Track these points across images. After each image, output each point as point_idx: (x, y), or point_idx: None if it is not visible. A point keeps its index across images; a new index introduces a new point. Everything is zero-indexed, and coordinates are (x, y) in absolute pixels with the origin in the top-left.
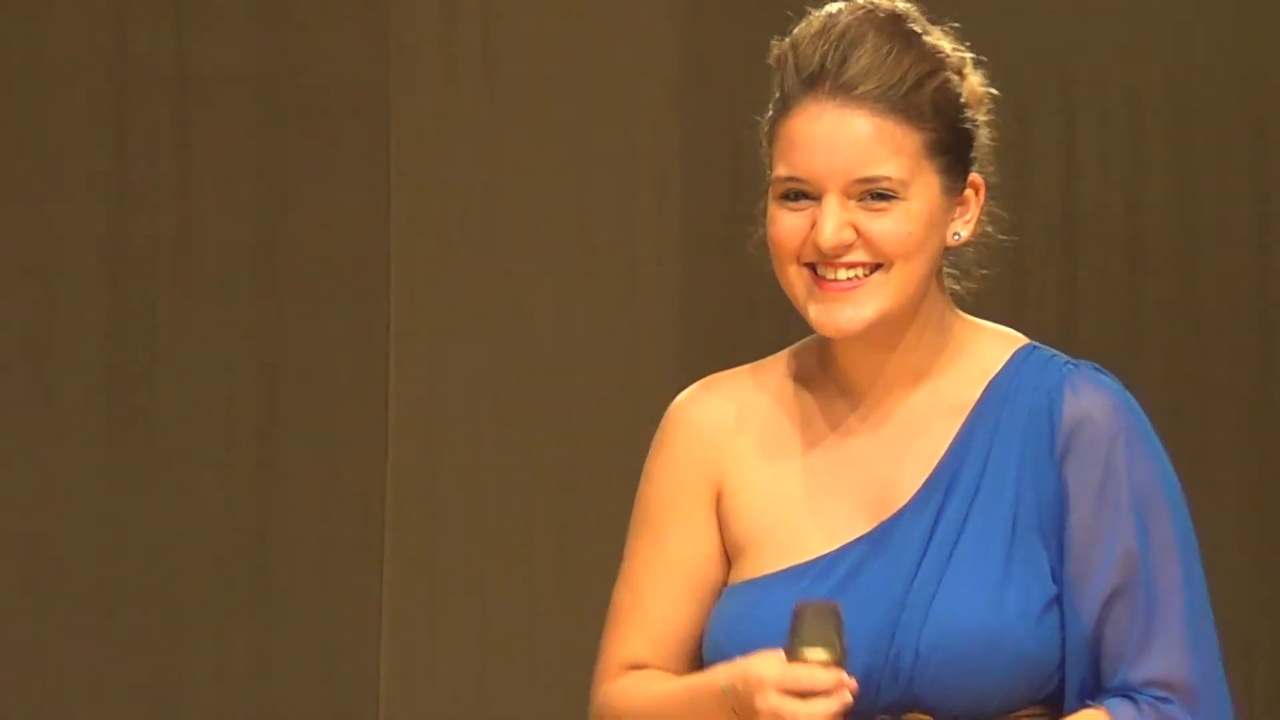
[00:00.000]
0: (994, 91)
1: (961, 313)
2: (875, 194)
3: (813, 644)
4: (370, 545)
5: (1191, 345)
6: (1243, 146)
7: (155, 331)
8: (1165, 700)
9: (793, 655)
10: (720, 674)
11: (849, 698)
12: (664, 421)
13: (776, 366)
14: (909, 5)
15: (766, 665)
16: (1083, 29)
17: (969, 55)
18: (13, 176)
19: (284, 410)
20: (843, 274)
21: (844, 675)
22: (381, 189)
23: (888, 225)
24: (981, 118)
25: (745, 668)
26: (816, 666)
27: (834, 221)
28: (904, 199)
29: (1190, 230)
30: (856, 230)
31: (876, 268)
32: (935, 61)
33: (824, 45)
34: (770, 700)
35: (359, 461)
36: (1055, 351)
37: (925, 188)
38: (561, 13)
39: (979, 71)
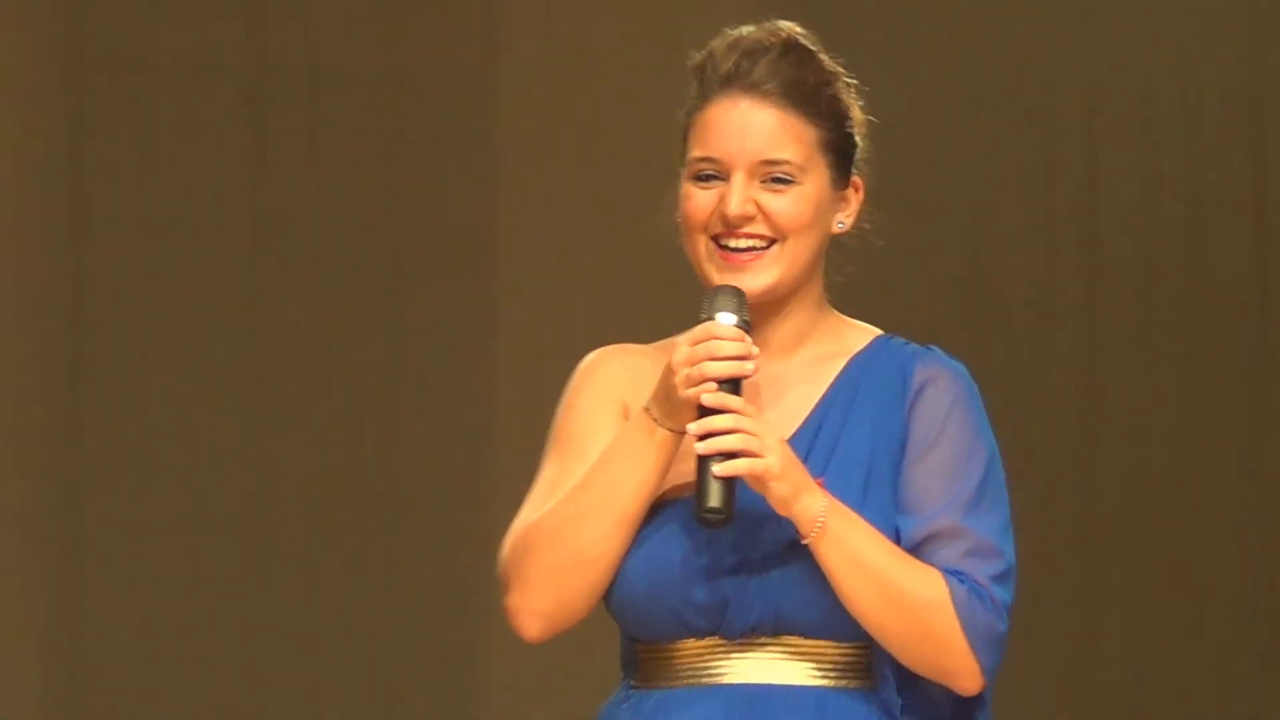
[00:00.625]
0: (872, 119)
1: (829, 306)
2: (776, 177)
3: (721, 311)
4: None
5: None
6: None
7: (288, 301)
8: (977, 585)
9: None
10: (639, 416)
11: (755, 353)
12: (580, 369)
13: (677, 339)
14: (806, 30)
15: (684, 334)
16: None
17: (854, 82)
18: (167, 160)
19: (404, 379)
20: (743, 243)
21: (746, 335)
22: (490, 174)
23: (785, 204)
24: (861, 133)
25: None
26: (727, 326)
27: (739, 195)
28: (799, 183)
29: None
30: (758, 206)
31: (772, 242)
32: (830, 74)
33: (737, 52)
34: (683, 350)
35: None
36: (907, 340)
37: (817, 177)
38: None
39: (859, 99)
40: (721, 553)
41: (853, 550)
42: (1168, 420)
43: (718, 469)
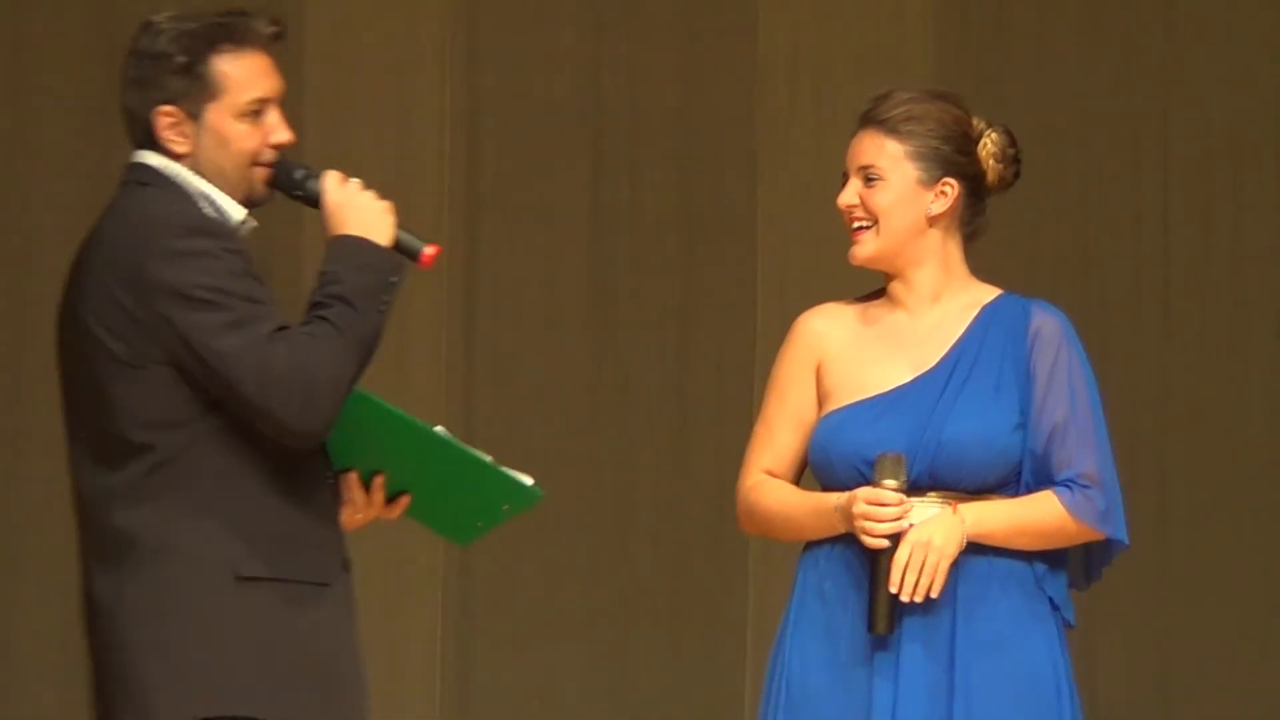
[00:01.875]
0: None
1: (965, 268)
2: (867, 177)
3: (886, 477)
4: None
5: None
6: None
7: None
8: (1085, 486)
9: (875, 485)
10: (833, 497)
11: (909, 508)
12: (791, 330)
13: (868, 297)
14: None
15: (861, 489)
16: None
17: (960, 112)
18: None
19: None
20: (856, 225)
21: (905, 497)
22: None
23: (873, 195)
24: (962, 155)
25: (849, 493)
26: (889, 491)
27: (848, 193)
28: (884, 179)
29: None
30: (860, 198)
31: (872, 223)
32: (925, 110)
33: (874, 97)
34: (860, 507)
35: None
36: (1023, 296)
37: (901, 177)
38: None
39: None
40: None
41: (993, 531)
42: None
43: (905, 594)
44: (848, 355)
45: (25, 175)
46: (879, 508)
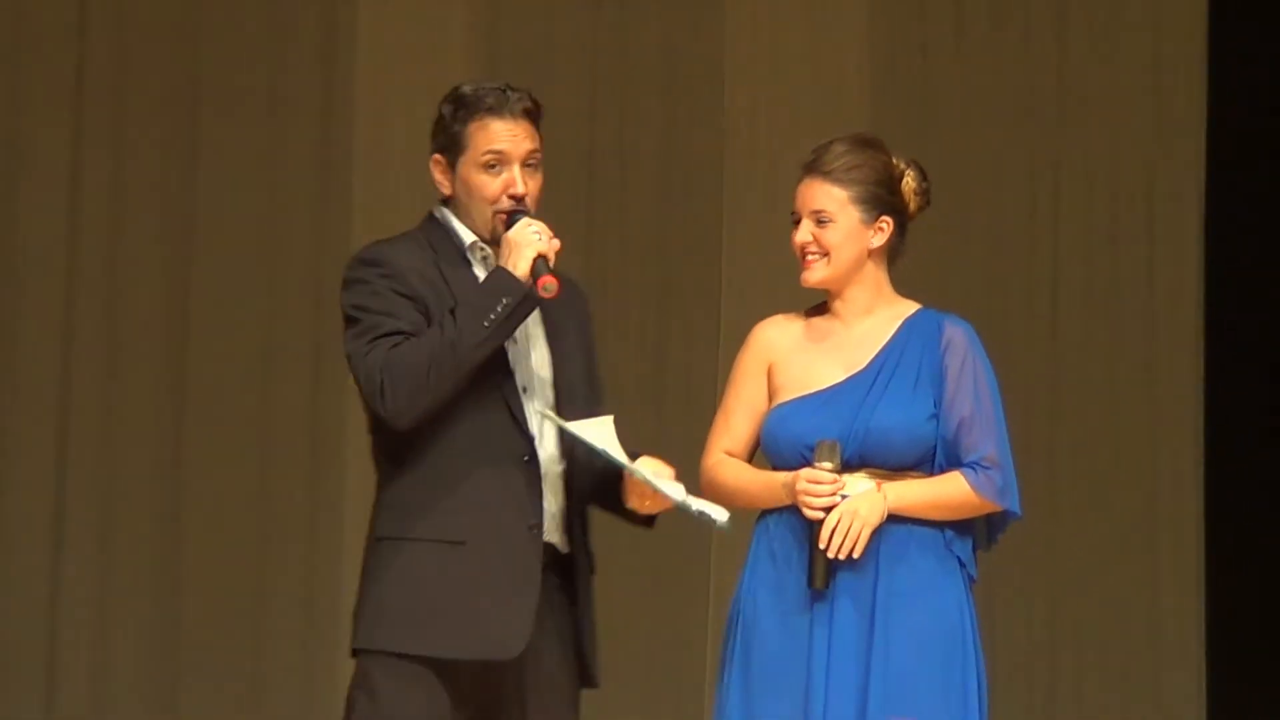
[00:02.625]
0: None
1: (890, 286)
2: (819, 220)
3: (824, 460)
4: None
5: None
6: None
7: None
8: (987, 468)
9: (814, 466)
10: (780, 475)
11: (842, 485)
12: (748, 336)
13: (812, 310)
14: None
15: (803, 470)
16: None
17: (897, 163)
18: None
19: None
20: (808, 256)
21: (839, 477)
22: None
23: (823, 234)
24: (891, 194)
25: (794, 473)
26: (825, 471)
27: (803, 232)
28: (834, 222)
29: None
30: (813, 236)
31: (824, 255)
32: (863, 160)
33: (815, 148)
34: (802, 484)
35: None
36: (938, 310)
37: (847, 218)
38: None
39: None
40: (829, 427)
41: (911, 505)
42: None
43: (832, 552)
44: (794, 358)
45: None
46: (817, 485)
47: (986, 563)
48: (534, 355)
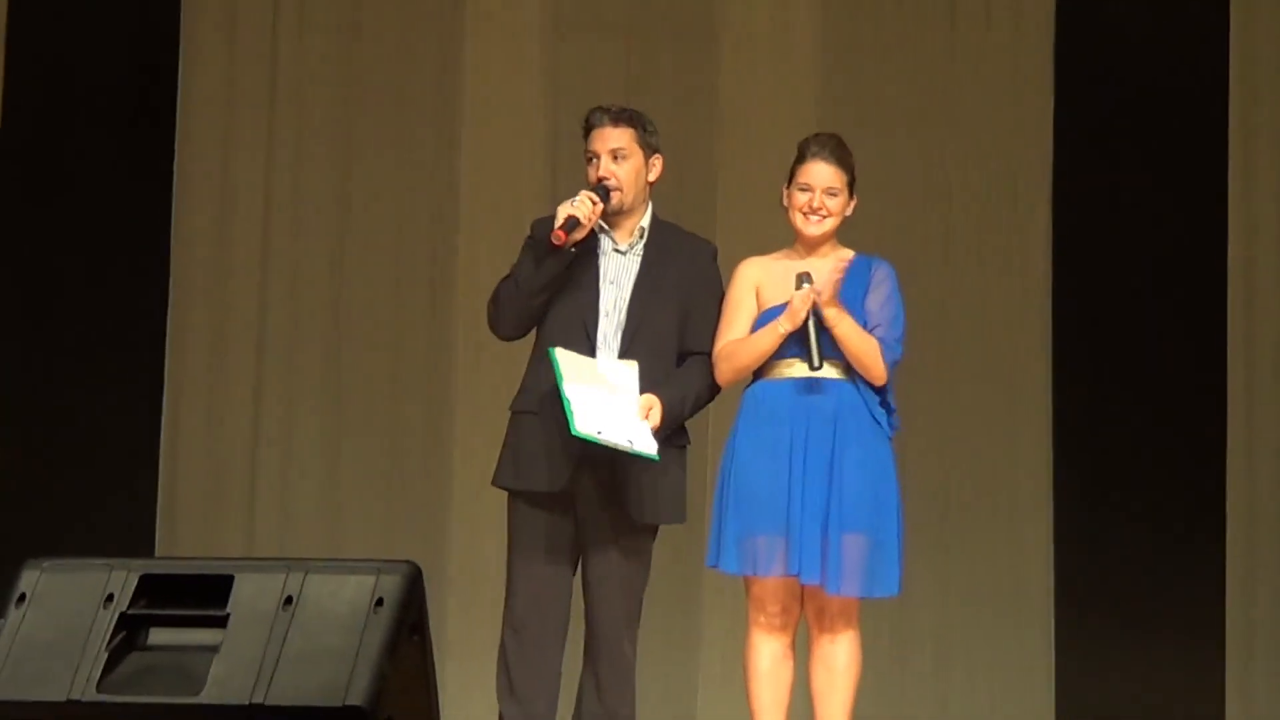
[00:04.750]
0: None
1: (838, 241)
2: (830, 192)
3: (802, 284)
4: None
5: None
6: None
7: None
8: (884, 341)
9: (796, 290)
10: (776, 321)
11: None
12: (737, 270)
13: (781, 253)
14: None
15: (792, 298)
16: None
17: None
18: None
19: None
20: (815, 216)
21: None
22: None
23: (833, 204)
24: (854, 178)
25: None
26: (803, 294)
27: (817, 198)
28: (839, 196)
29: None
30: (823, 203)
31: (828, 216)
32: (849, 152)
33: (816, 142)
34: (794, 303)
35: None
36: (870, 254)
37: (843, 194)
38: None
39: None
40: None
41: (849, 323)
42: None
43: (814, 329)
44: (772, 281)
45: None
46: (804, 297)
47: (899, 440)
48: (621, 289)
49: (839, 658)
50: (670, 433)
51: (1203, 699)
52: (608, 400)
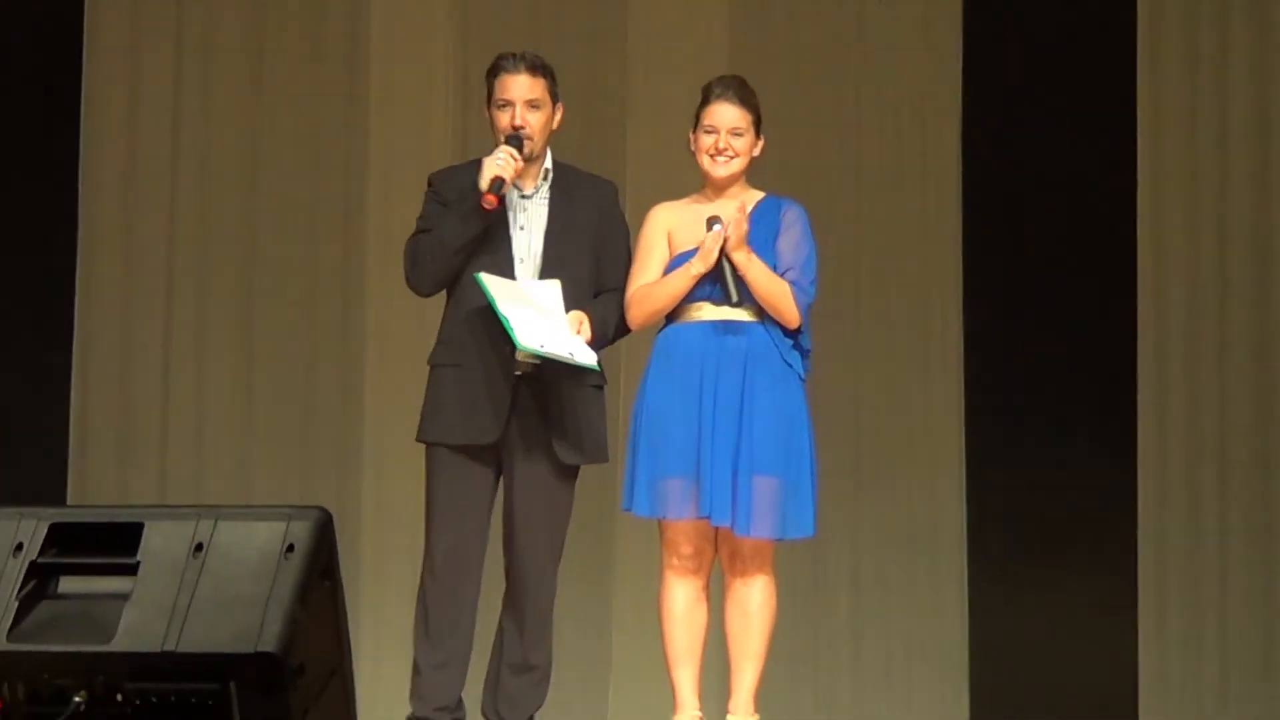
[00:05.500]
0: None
1: (748, 183)
2: (734, 132)
3: (713, 226)
4: None
5: None
6: None
7: None
8: (796, 284)
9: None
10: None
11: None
12: (649, 215)
13: (692, 197)
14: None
15: (705, 239)
16: None
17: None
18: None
19: None
20: (721, 157)
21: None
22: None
23: (738, 143)
24: (759, 118)
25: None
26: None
27: (722, 139)
28: (744, 135)
29: None
30: (729, 144)
31: (734, 157)
32: (753, 92)
33: (721, 83)
34: (707, 242)
35: None
36: (781, 196)
37: (749, 133)
38: None
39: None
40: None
41: (760, 270)
42: None
43: (729, 266)
44: (684, 226)
45: None
46: (714, 241)
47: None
48: (533, 234)
49: (753, 600)
50: (586, 373)
51: (1115, 626)
52: (539, 318)
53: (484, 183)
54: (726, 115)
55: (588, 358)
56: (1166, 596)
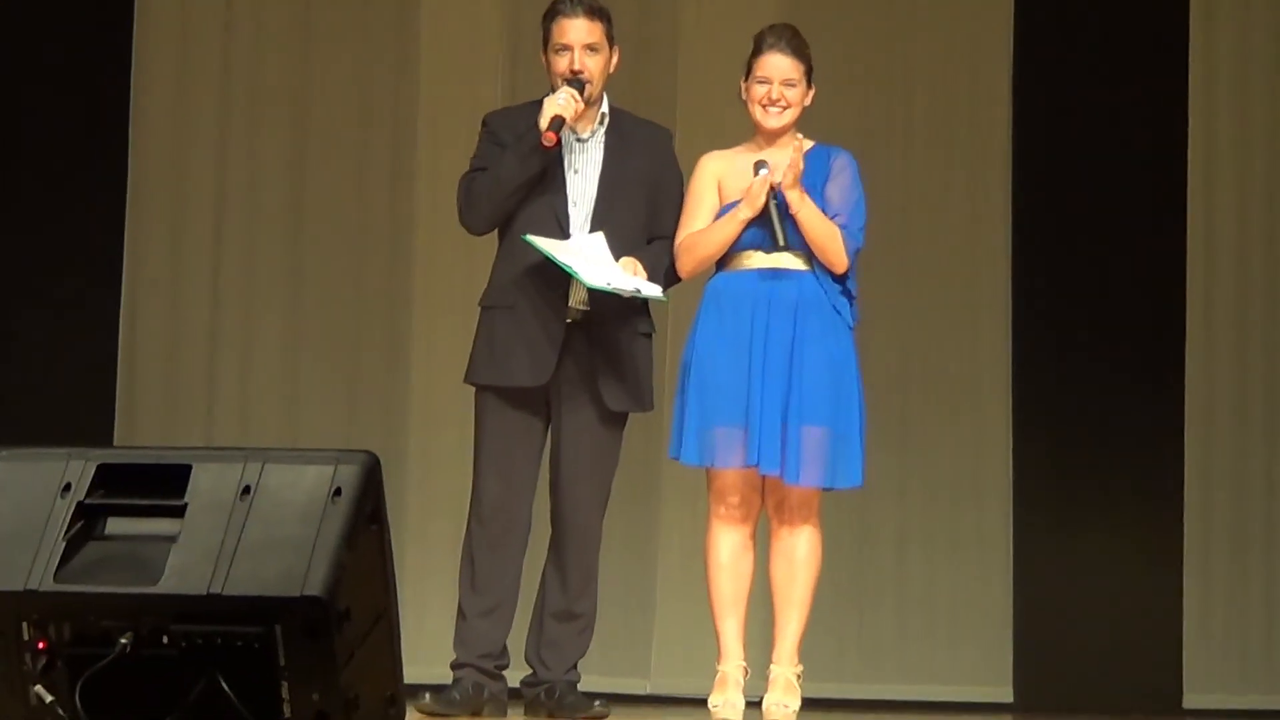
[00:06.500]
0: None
1: (798, 132)
2: (788, 83)
3: (759, 172)
4: None
5: None
6: None
7: None
8: (845, 227)
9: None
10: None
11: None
12: (698, 164)
13: (743, 147)
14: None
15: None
16: None
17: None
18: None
19: None
20: (774, 108)
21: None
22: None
23: (791, 95)
24: (811, 70)
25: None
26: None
27: (775, 90)
28: (797, 87)
29: None
30: (782, 94)
31: (788, 107)
32: (805, 43)
33: (773, 33)
34: (755, 186)
35: None
36: (832, 145)
37: (802, 85)
38: None
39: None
40: (766, 228)
41: (812, 211)
42: None
43: (776, 209)
44: (733, 174)
45: None
46: (761, 186)
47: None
48: (587, 179)
49: (799, 549)
50: (636, 320)
51: (1160, 583)
52: (595, 265)
53: (544, 121)
54: (780, 65)
55: (653, 290)
56: (1211, 555)
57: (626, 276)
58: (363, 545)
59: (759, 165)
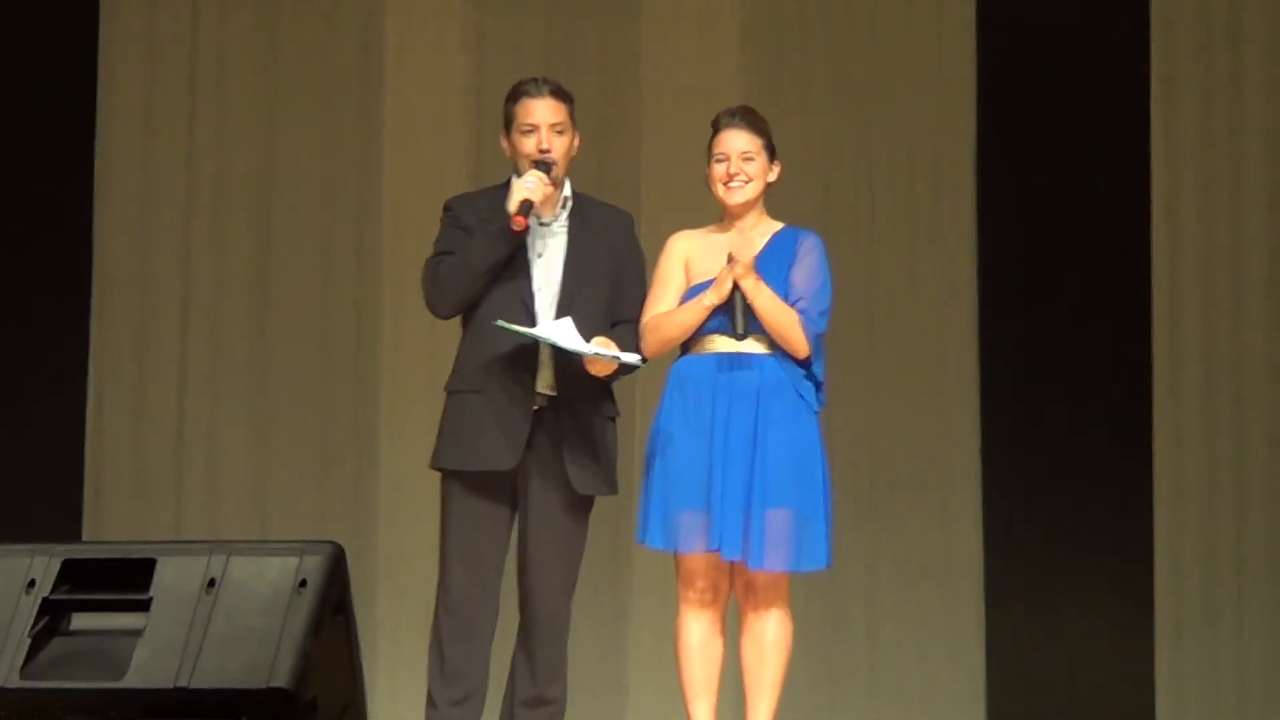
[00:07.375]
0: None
1: (767, 213)
2: (745, 157)
3: (731, 261)
4: None
5: None
6: None
7: None
8: (806, 313)
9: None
10: (701, 295)
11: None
12: (667, 244)
13: (712, 227)
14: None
15: (719, 275)
16: None
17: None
18: None
19: None
20: (734, 183)
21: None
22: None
23: (750, 168)
24: (772, 146)
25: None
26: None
27: (734, 166)
28: (755, 161)
29: None
30: (741, 169)
31: (748, 182)
32: (764, 120)
33: (728, 112)
34: (721, 273)
35: None
36: (800, 227)
37: (761, 159)
38: None
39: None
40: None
41: (768, 298)
42: None
43: (740, 299)
44: (702, 255)
45: None
46: (728, 274)
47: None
48: (551, 264)
49: (768, 633)
50: (602, 403)
51: (1133, 655)
52: (570, 343)
53: (512, 205)
54: (736, 141)
55: (632, 358)
56: (1183, 625)
57: (604, 349)
58: (329, 635)
59: (731, 258)
